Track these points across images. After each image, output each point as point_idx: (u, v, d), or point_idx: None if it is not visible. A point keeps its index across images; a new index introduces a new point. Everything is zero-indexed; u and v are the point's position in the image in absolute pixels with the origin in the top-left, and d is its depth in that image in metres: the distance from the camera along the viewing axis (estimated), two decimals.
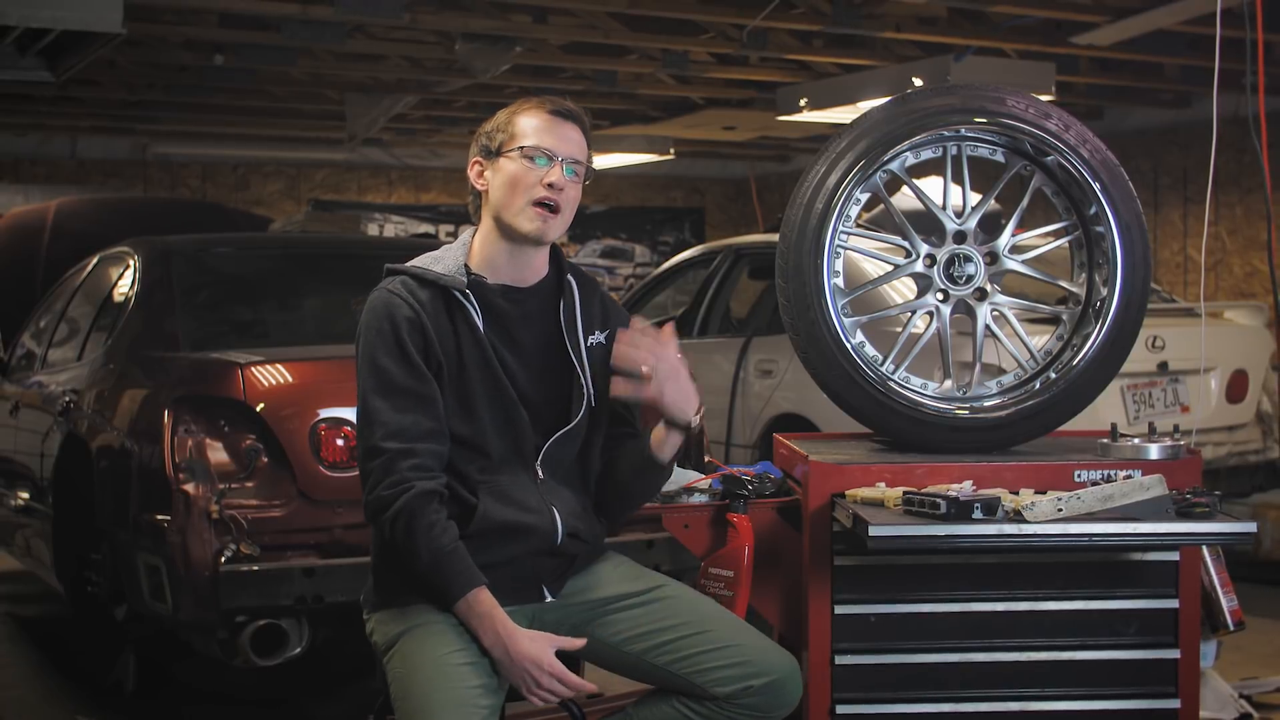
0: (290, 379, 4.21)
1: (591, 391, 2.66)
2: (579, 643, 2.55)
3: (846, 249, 2.99)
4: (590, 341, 2.69)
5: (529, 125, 2.61)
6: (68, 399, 4.93)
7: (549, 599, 2.62)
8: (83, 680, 5.03)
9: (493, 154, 2.63)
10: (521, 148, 2.59)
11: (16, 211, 7.91)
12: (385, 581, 2.62)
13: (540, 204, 2.58)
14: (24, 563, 5.81)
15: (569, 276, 2.71)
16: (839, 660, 2.78)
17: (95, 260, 5.73)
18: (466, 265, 2.65)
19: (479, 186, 2.66)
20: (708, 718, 2.55)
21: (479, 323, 2.60)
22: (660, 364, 2.54)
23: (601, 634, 2.62)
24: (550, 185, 2.58)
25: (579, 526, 2.65)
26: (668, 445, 2.63)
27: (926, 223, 3.04)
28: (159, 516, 4.07)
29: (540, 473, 2.63)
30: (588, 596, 2.65)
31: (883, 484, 2.75)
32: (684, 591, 2.68)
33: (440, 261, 2.65)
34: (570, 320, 2.67)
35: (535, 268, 2.68)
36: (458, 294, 2.60)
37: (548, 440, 2.63)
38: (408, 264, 2.65)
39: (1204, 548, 2.90)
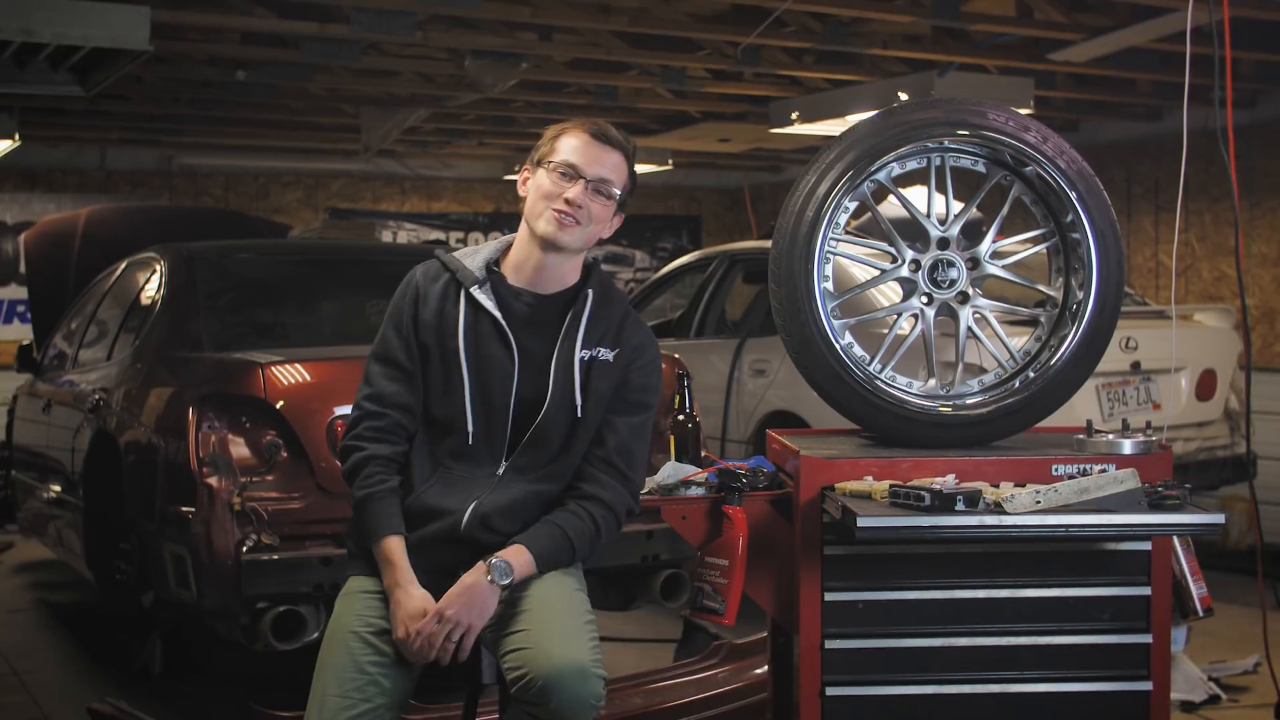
0: (308, 378, 4.21)
1: (578, 402, 2.64)
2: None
3: (836, 255, 2.99)
4: (588, 355, 2.66)
5: (568, 144, 2.66)
6: (97, 397, 4.93)
7: None
8: (112, 664, 5.03)
9: (535, 164, 2.69)
10: (553, 163, 2.64)
11: (49, 219, 7.87)
12: (348, 549, 2.71)
13: (559, 212, 2.62)
14: (56, 552, 5.82)
15: (588, 290, 2.70)
16: (828, 644, 2.77)
17: (124, 265, 5.74)
18: (498, 263, 2.69)
19: (521, 192, 2.71)
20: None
21: (476, 318, 2.63)
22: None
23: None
24: (568, 200, 2.61)
25: (498, 522, 2.60)
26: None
27: (912, 230, 3.04)
28: (184, 508, 4.08)
29: (503, 468, 2.63)
30: None
31: (870, 477, 2.75)
32: (543, 589, 2.57)
33: (474, 255, 2.70)
34: (572, 331, 2.66)
35: (560, 277, 2.69)
36: (466, 287, 2.64)
37: (521, 439, 2.64)
38: (453, 252, 2.72)
39: (1175, 538, 2.89)
